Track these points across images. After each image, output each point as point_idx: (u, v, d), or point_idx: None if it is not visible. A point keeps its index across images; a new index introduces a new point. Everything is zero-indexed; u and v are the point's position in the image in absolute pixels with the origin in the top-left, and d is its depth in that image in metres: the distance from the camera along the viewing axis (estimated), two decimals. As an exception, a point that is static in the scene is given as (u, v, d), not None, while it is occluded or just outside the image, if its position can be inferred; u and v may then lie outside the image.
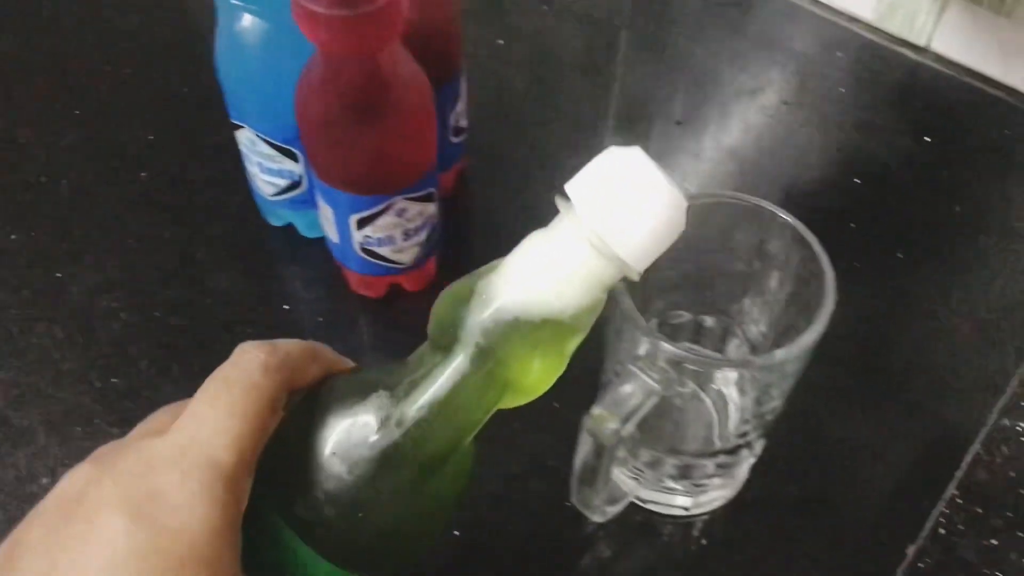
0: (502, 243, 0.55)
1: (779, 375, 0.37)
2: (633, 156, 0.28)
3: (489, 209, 0.58)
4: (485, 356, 0.29)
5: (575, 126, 0.63)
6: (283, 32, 0.42)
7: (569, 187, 0.29)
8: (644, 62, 0.67)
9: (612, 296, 0.34)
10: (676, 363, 0.36)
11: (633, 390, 0.35)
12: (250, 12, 0.44)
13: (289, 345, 0.30)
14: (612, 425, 0.35)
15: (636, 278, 0.29)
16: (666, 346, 0.34)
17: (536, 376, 0.30)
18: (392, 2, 0.38)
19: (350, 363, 0.34)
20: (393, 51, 0.40)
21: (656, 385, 0.35)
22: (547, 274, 0.28)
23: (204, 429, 0.27)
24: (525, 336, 0.29)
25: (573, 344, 0.30)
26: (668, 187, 0.28)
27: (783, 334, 0.40)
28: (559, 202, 0.29)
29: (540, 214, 0.31)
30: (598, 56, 0.67)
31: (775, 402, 0.39)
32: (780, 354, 0.35)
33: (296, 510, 0.28)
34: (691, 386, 0.38)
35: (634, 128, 0.62)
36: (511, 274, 0.29)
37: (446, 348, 0.29)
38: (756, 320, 0.42)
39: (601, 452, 0.35)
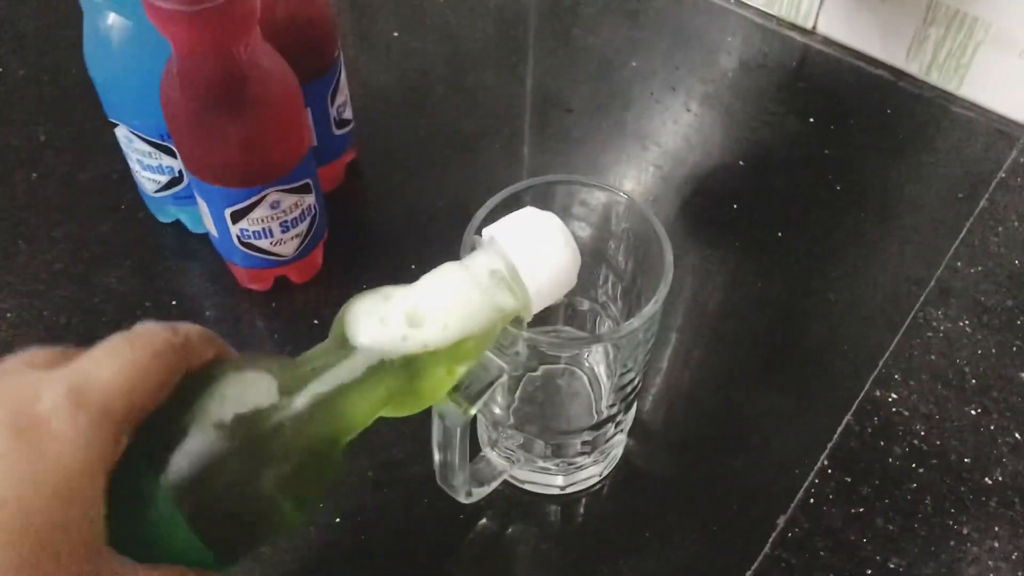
0: (392, 235, 0.57)
1: (629, 347, 0.38)
2: (548, 218, 0.34)
3: (380, 201, 0.59)
4: (379, 367, 0.31)
5: (470, 119, 0.63)
6: (147, 29, 0.42)
7: (491, 228, 0.34)
8: (542, 52, 0.67)
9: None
10: (532, 345, 0.37)
11: (483, 369, 0.36)
12: (113, 10, 0.44)
13: (189, 329, 0.31)
14: (460, 405, 0.35)
15: (527, 319, 0.35)
16: (511, 328, 0.35)
17: (422, 393, 0.33)
18: (240, -4, 0.38)
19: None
20: (250, 45, 0.41)
21: (504, 365, 0.36)
22: (455, 300, 0.32)
23: (102, 373, 0.27)
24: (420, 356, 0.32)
25: (462, 368, 0.33)
26: (573, 248, 0.34)
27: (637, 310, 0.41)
28: (475, 239, 0.34)
29: (430, 207, 0.33)
30: (497, 46, 0.68)
31: (632, 374, 0.40)
32: (625, 327, 0.36)
33: (171, 476, 0.29)
34: (539, 365, 0.39)
35: (528, 117, 0.63)
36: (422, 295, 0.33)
37: (344, 351, 0.32)
38: (615, 299, 0.42)
39: (452, 432, 0.36)
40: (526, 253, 0.33)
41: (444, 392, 0.34)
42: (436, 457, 0.38)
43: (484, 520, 0.45)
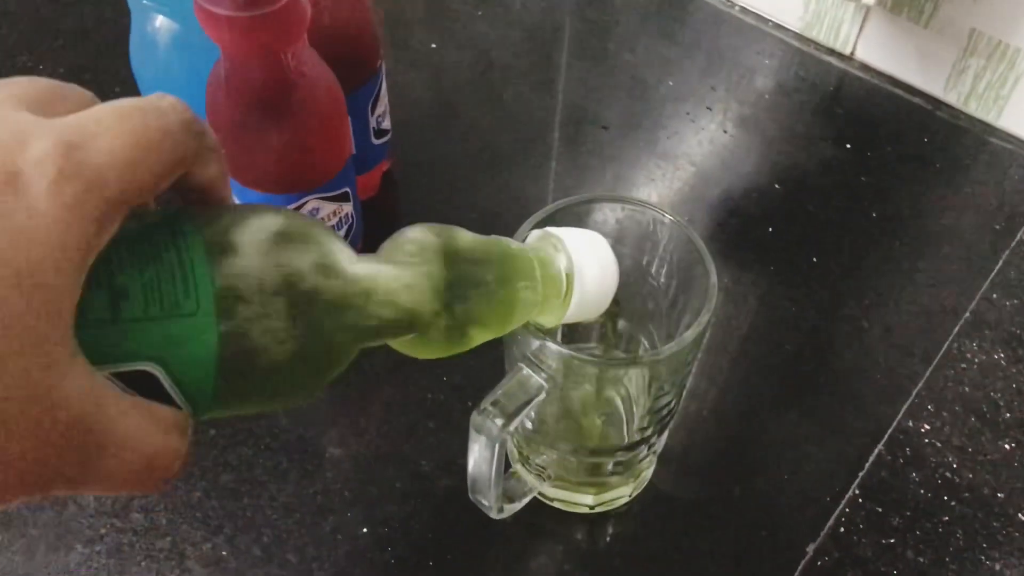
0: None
1: (668, 371, 0.38)
2: (605, 243, 0.35)
3: (413, 211, 0.59)
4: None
5: (504, 133, 0.63)
6: (194, 32, 0.42)
7: (552, 229, 0.35)
8: (577, 68, 0.67)
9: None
10: (568, 362, 0.36)
11: (521, 386, 0.36)
12: (161, 13, 0.44)
13: (208, 126, 0.26)
14: (498, 421, 0.35)
15: (549, 326, 0.36)
16: (551, 344, 0.35)
17: (445, 334, 0.31)
18: (293, 3, 0.38)
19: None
20: (298, 52, 0.41)
21: (544, 382, 0.36)
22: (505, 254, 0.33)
23: (102, 140, 0.22)
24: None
25: (484, 338, 0.33)
26: (616, 281, 0.35)
27: (678, 332, 0.41)
28: (531, 232, 0.36)
29: (462, 219, 0.33)
30: (532, 61, 0.68)
31: (669, 398, 0.39)
32: (665, 350, 0.36)
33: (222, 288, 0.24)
34: (586, 385, 0.39)
35: (562, 133, 0.63)
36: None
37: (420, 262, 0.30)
38: (654, 320, 0.42)
39: (490, 448, 0.36)
40: (582, 262, 0.34)
41: (455, 348, 0.32)
42: (470, 472, 0.38)
43: (511, 536, 0.45)
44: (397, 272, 0.30)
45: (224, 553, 0.44)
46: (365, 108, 0.52)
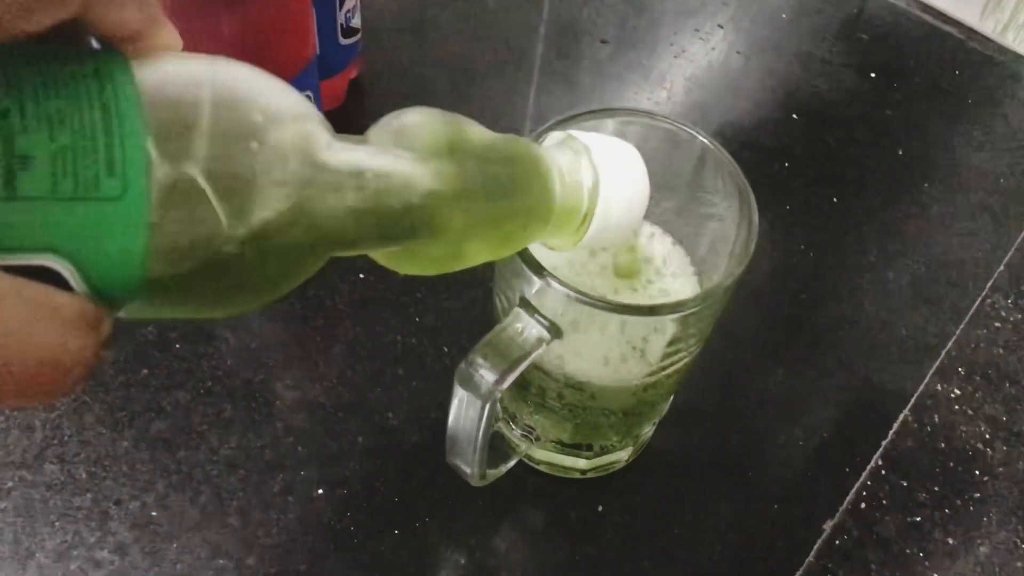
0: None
1: (691, 324, 0.32)
2: (642, 171, 0.29)
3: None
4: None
5: (490, 40, 0.56)
6: None
7: (583, 135, 0.29)
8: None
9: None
10: (571, 307, 0.30)
11: (517, 337, 0.30)
12: None
13: None
14: (489, 376, 0.29)
15: (566, 250, 0.30)
16: (557, 285, 0.29)
17: (425, 233, 0.25)
18: None
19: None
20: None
21: (545, 332, 0.30)
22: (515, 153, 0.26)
23: None
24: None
25: (482, 258, 0.27)
26: (643, 207, 0.29)
27: (697, 277, 0.35)
28: (555, 132, 0.30)
29: None
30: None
31: (683, 354, 0.33)
32: (690, 301, 0.30)
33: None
34: (595, 335, 0.33)
35: (558, 46, 0.56)
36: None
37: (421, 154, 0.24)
38: (668, 260, 0.36)
39: (477, 407, 0.30)
40: (610, 178, 0.28)
41: (447, 266, 0.26)
42: (450, 432, 0.32)
43: (490, 503, 0.39)
44: (391, 164, 0.23)
45: (154, 514, 0.38)
46: (332, 1, 0.44)
